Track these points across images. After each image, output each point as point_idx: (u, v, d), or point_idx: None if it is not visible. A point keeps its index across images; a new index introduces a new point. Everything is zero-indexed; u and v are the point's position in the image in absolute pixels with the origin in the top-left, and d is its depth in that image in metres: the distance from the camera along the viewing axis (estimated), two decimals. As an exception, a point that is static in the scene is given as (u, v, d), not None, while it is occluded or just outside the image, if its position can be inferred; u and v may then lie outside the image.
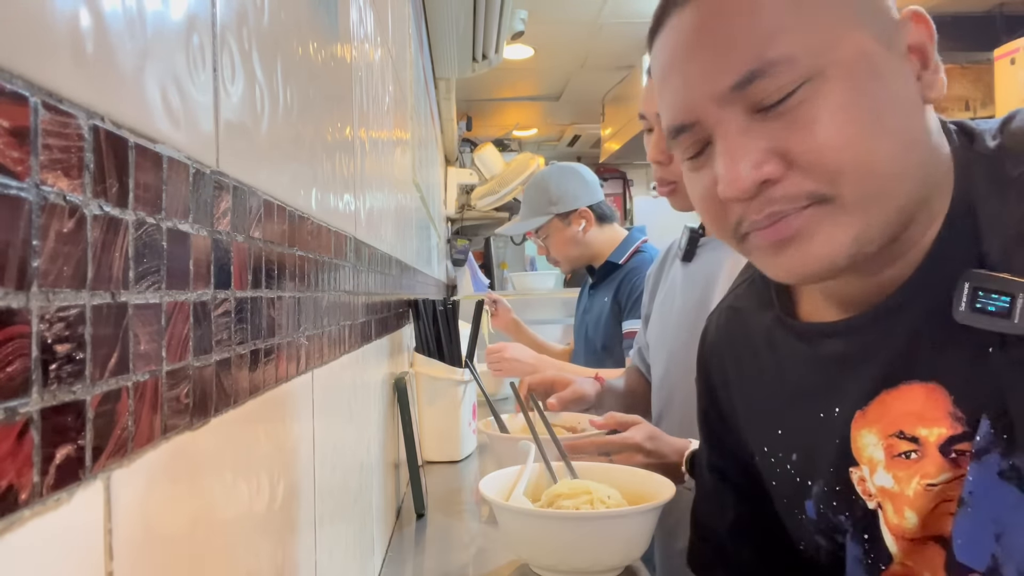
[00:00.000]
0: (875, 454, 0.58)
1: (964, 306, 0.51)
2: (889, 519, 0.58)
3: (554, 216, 1.94)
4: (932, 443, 0.55)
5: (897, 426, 0.56)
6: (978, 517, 0.51)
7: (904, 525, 0.57)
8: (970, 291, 0.51)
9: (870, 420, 0.58)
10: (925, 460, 0.55)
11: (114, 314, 0.26)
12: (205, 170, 0.34)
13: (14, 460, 0.20)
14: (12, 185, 0.20)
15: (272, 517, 0.45)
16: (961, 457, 0.53)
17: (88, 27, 0.24)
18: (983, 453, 0.51)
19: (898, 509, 0.57)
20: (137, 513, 0.27)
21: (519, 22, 2.68)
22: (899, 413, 0.56)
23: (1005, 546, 0.50)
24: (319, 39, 0.61)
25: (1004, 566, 0.50)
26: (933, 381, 0.54)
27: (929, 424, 0.55)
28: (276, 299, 0.46)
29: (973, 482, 0.51)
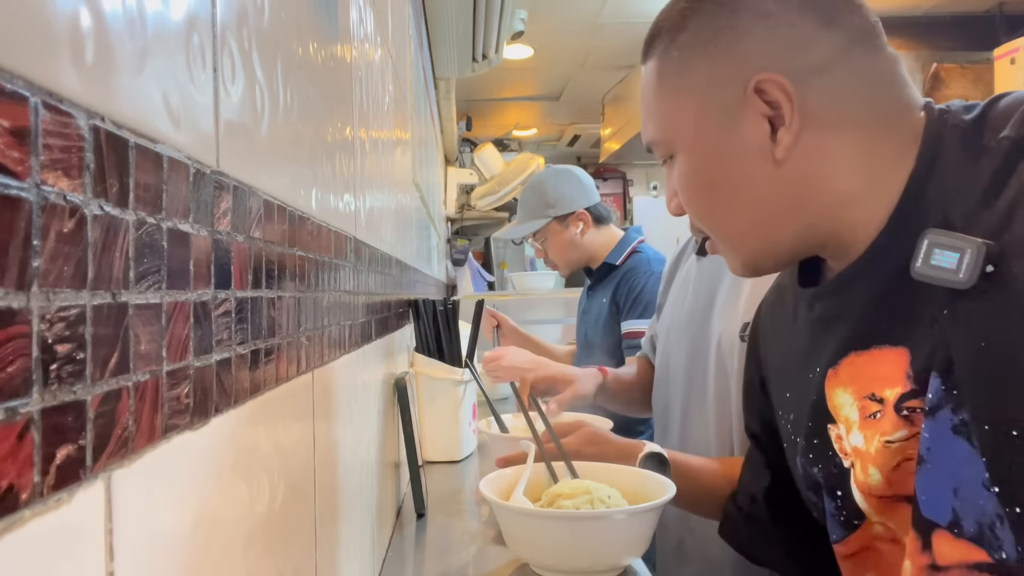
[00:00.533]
0: (851, 415, 0.62)
1: (920, 262, 0.54)
2: (857, 476, 0.62)
3: (552, 219, 1.94)
4: (890, 402, 0.58)
5: (869, 388, 0.60)
6: (936, 473, 0.53)
7: (869, 482, 0.60)
8: (927, 248, 0.54)
9: (843, 380, 0.63)
10: (884, 419, 0.58)
11: (114, 314, 0.26)
12: (205, 170, 0.34)
13: (15, 460, 0.20)
14: (12, 185, 0.20)
15: (272, 517, 0.45)
16: (913, 414, 0.56)
17: (88, 27, 0.24)
18: (936, 410, 0.53)
19: (863, 467, 0.61)
20: (138, 513, 0.27)
21: (519, 22, 2.68)
22: (870, 376, 0.60)
23: (962, 499, 0.52)
24: (319, 39, 0.61)
25: (964, 519, 0.52)
26: (900, 345, 0.58)
27: (892, 385, 0.58)
28: (276, 299, 0.46)
29: (929, 439, 0.54)
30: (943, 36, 3.00)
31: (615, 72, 3.98)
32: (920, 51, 3.05)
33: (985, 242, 0.51)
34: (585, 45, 3.60)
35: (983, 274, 0.51)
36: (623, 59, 3.74)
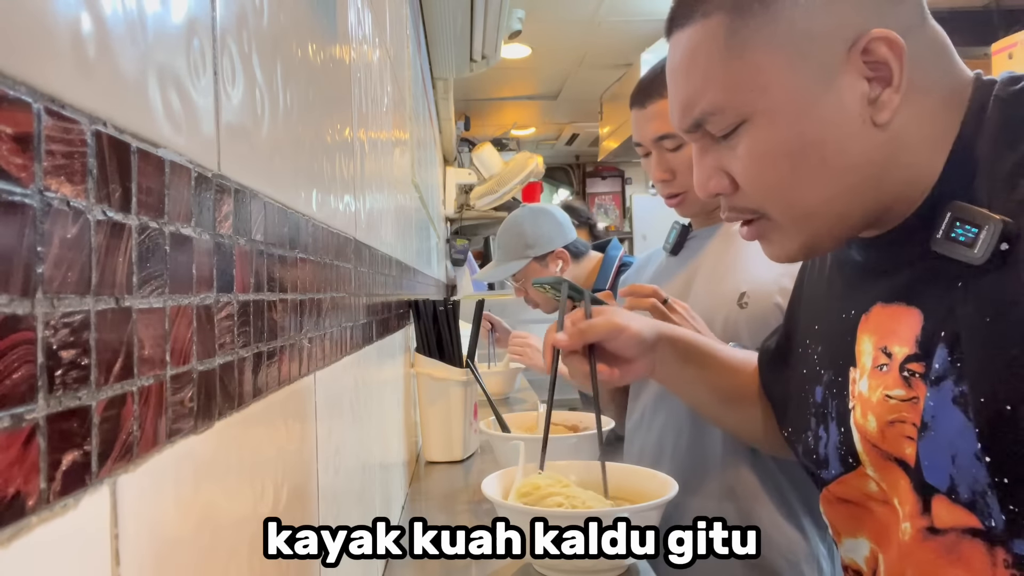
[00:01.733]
0: (866, 362, 0.64)
1: (941, 234, 0.55)
2: (857, 418, 0.65)
3: (531, 260, 1.97)
4: (897, 360, 0.60)
5: (884, 341, 0.61)
6: (938, 440, 0.55)
7: (867, 427, 0.63)
8: (949, 221, 0.55)
9: (870, 328, 0.64)
10: (889, 374, 0.60)
11: (118, 319, 0.26)
12: (207, 173, 0.34)
13: (21, 467, 0.20)
14: (16, 191, 0.20)
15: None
16: (912, 378, 0.58)
17: (90, 32, 0.24)
18: (940, 380, 0.54)
19: (864, 411, 0.63)
20: (143, 518, 0.27)
21: (516, 21, 2.68)
22: (887, 329, 0.61)
23: (959, 467, 0.54)
24: (318, 40, 0.61)
25: (959, 486, 0.54)
26: (915, 306, 0.59)
27: (901, 343, 0.59)
28: (278, 302, 0.46)
29: (933, 407, 0.55)
30: (941, 31, 2.99)
31: (613, 70, 3.98)
32: (918, 47, 3.04)
33: (1003, 219, 0.51)
34: (583, 44, 3.60)
35: (997, 251, 0.51)
36: (621, 57, 3.74)
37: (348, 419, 0.70)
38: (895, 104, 0.56)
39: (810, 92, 0.57)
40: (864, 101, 0.57)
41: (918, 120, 0.58)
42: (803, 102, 0.57)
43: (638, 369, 0.88)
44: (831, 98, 0.57)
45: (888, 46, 0.56)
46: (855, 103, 0.57)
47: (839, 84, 0.57)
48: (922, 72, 0.58)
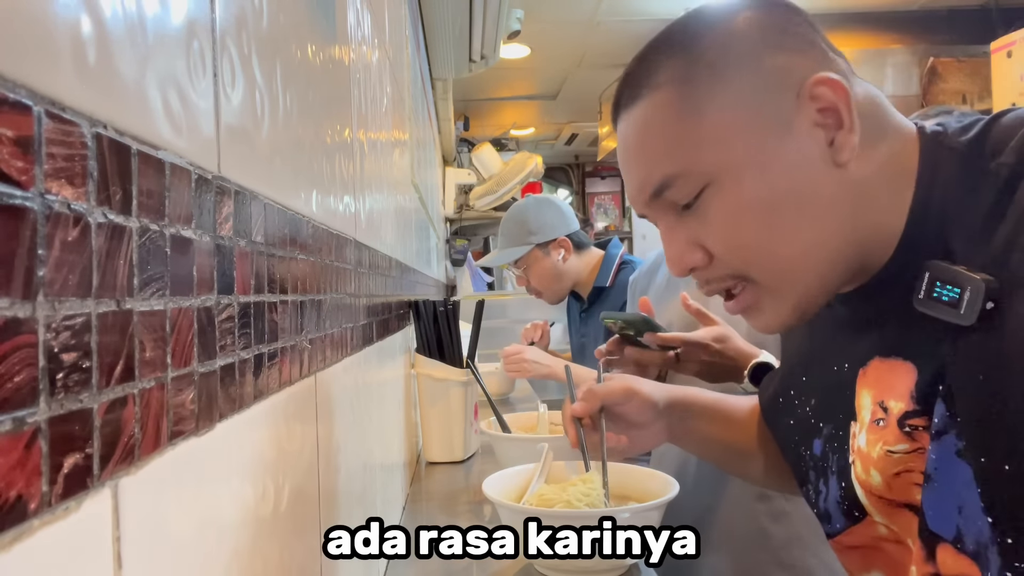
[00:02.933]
0: (865, 416, 0.63)
1: (923, 294, 0.54)
2: (858, 474, 0.63)
3: (534, 246, 1.97)
4: (895, 415, 0.59)
5: (882, 396, 0.61)
6: (942, 491, 0.54)
7: (870, 482, 0.62)
8: (929, 280, 0.54)
9: (869, 382, 0.63)
10: (887, 429, 0.59)
11: (119, 322, 0.26)
12: (207, 175, 0.34)
13: (23, 470, 0.20)
14: (17, 194, 0.20)
15: (278, 522, 0.45)
16: (916, 432, 0.57)
17: (89, 35, 0.24)
18: (942, 434, 0.54)
19: (865, 467, 0.62)
20: (145, 520, 0.27)
21: (515, 21, 2.68)
22: (886, 384, 0.60)
23: (965, 518, 0.53)
24: (317, 42, 0.61)
25: (966, 536, 0.53)
26: (909, 360, 0.58)
27: (896, 398, 0.59)
28: (279, 303, 0.46)
29: (936, 459, 0.54)
30: (939, 30, 3.00)
31: (612, 70, 3.98)
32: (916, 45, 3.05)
33: (985, 279, 0.50)
34: (581, 44, 3.60)
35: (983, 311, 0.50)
36: (620, 57, 3.74)
37: (349, 420, 0.70)
38: (853, 143, 0.57)
39: (771, 143, 0.57)
40: (823, 144, 0.57)
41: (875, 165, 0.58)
42: (766, 153, 0.57)
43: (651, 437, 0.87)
44: (792, 145, 0.57)
45: (831, 88, 0.56)
46: (815, 147, 0.57)
47: (796, 131, 0.57)
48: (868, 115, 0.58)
